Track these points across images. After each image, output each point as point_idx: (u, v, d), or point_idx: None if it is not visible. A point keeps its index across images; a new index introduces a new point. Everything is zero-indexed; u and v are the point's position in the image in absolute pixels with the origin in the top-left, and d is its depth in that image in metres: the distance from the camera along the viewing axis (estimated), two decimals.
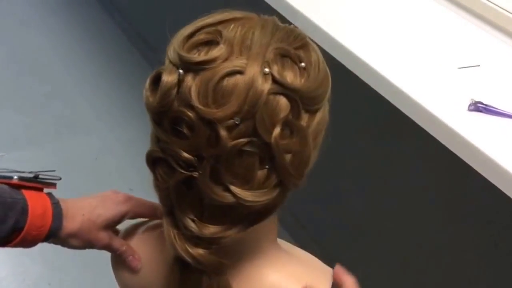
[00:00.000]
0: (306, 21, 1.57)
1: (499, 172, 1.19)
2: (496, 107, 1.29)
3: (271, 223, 0.79)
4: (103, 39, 3.42)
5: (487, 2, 1.61)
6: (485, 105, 1.29)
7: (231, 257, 0.75)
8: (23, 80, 3.08)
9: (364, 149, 1.89)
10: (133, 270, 0.88)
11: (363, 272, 2.04)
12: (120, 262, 0.91)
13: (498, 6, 1.58)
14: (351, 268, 0.75)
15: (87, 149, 2.67)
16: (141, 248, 0.89)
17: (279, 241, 0.85)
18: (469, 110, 1.30)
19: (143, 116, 0.71)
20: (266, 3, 1.72)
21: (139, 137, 2.56)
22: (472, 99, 1.30)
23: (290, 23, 0.77)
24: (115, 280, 0.93)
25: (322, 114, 0.74)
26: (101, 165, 2.56)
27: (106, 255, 0.94)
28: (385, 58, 1.46)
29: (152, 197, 0.78)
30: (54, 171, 0.89)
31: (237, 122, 0.66)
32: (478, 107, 1.29)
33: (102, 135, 2.77)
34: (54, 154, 2.64)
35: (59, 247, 0.88)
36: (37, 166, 2.66)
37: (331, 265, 0.88)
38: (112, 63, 3.23)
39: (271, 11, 1.63)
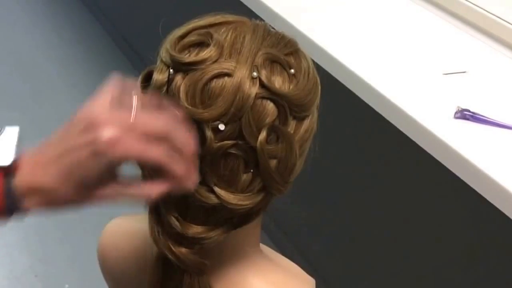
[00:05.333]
0: (287, 26, 1.55)
1: (486, 181, 1.17)
2: (484, 115, 1.27)
3: (254, 228, 0.79)
4: (89, 40, 3.55)
5: (473, 6, 1.60)
6: (472, 112, 1.28)
7: (213, 258, 0.75)
8: (11, 79, 3.21)
9: (347, 155, 1.87)
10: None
11: (344, 279, 2.01)
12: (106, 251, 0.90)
13: (485, 10, 1.57)
14: (333, 275, 0.73)
15: None
16: (129, 241, 0.89)
17: (262, 247, 0.84)
18: (456, 117, 1.28)
19: None
20: (246, 7, 1.71)
21: None
22: (458, 107, 1.29)
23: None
24: (101, 272, 0.94)
25: (310, 122, 0.74)
26: None
27: (93, 246, 0.93)
28: (368, 63, 1.44)
29: None
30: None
31: (221, 128, 0.67)
32: (464, 114, 1.28)
33: None
34: None
35: (46, 238, 0.79)
36: None
37: (312, 274, 0.88)
38: (98, 64, 3.35)
39: (250, 14, 1.61)
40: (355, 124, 1.79)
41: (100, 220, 1.05)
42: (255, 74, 0.67)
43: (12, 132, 0.67)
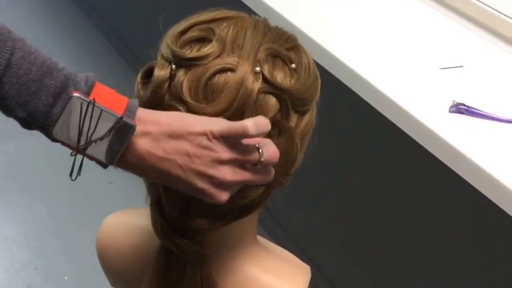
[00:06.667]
0: (284, 21, 1.55)
1: (481, 175, 1.18)
2: (479, 108, 1.27)
3: (252, 219, 0.80)
4: (81, 37, 3.53)
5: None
6: (467, 106, 1.28)
7: (213, 248, 0.76)
8: None
9: (342, 149, 1.88)
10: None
11: (338, 272, 2.00)
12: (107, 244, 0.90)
13: (484, 3, 1.56)
14: (327, 267, 0.73)
15: None
16: (127, 236, 0.89)
17: (259, 238, 0.85)
18: (450, 111, 1.29)
19: None
20: (241, 2, 1.70)
21: None
22: (453, 101, 1.29)
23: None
24: (100, 266, 0.94)
25: (310, 116, 0.75)
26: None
27: (92, 239, 0.93)
28: (365, 58, 1.44)
29: (131, 189, 0.77)
30: None
31: (226, 117, 0.67)
32: (459, 108, 1.28)
33: None
34: (36, 147, 2.67)
35: (45, 232, 0.78)
36: (21, 159, 2.62)
37: (308, 262, 0.89)
38: (90, 61, 3.33)
39: (246, 9, 1.61)
40: (351, 118, 1.79)
41: (98, 214, 1.06)
42: (257, 69, 0.68)
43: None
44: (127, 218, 0.93)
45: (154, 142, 0.64)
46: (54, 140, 0.64)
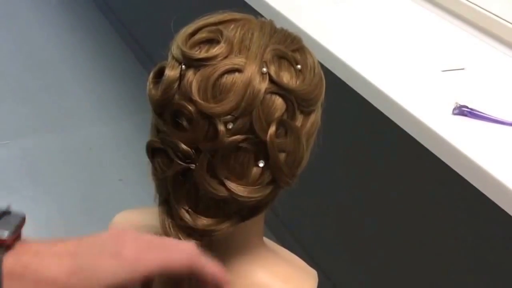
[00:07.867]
0: (289, 23, 1.56)
1: (484, 177, 1.18)
2: (482, 111, 1.28)
3: (259, 221, 0.81)
4: (100, 38, 3.66)
5: (471, 4, 1.61)
6: (470, 109, 1.28)
7: (220, 250, 0.76)
8: (26, 75, 3.30)
9: (345, 151, 1.88)
10: None
11: (343, 272, 2.00)
12: None
13: (483, 9, 1.58)
14: (332, 269, 0.73)
15: (82, 140, 2.86)
16: None
17: (266, 240, 0.86)
18: (454, 114, 1.29)
19: (134, 111, 0.69)
20: (247, 4, 1.72)
21: (131, 131, 2.77)
22: (456, 103, 1.30)
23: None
24: None
25: (316, 117, 0.76)
26: (94, 155, 2.71)
27: None
28: (368, 60, 1.45)
29: (141, 188, 0.77)
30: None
31: (229, 127, 0.68)
32: (463, 111, 1.28)
33: (97, 128, 2.97)
34: (52, 143, 2.78)
35: (55, 232, 0.76)
36: (38, 153, 2.67)
37: (314, 267, 0.89)
38: (107, 61, 3.45)
39: (253, 12, 1.62)
40: (354, 120, 1.79)
41: (108, 212, 1.07)
42: (264, 69, 0.69)
43: (17, 216, 0.64)
44: (136, 217, 0.93)
45: None
46: None
